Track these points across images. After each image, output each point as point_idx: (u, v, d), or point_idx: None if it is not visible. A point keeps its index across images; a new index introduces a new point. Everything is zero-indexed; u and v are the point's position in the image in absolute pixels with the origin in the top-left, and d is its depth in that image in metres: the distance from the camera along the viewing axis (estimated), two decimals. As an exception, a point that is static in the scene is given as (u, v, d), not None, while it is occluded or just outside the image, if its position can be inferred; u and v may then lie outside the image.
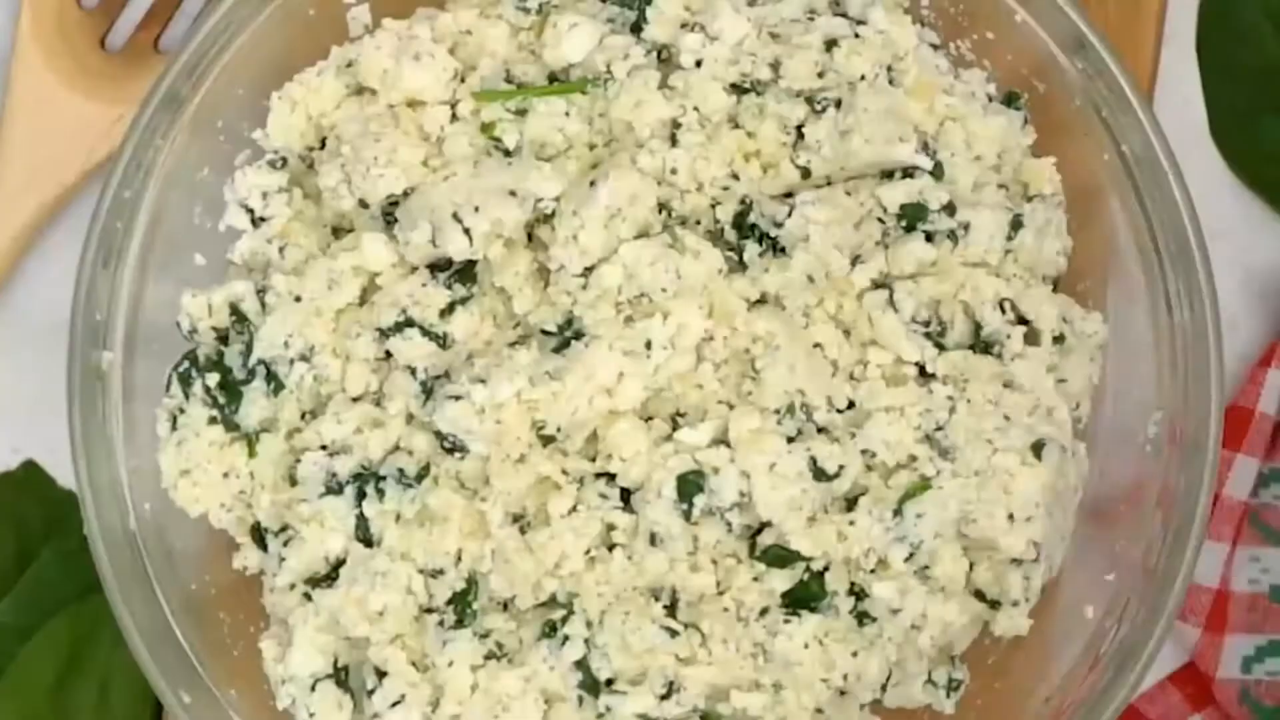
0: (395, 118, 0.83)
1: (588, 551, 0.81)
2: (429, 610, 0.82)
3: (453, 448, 0.81)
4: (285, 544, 0.83)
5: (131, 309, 0.83)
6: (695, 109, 0.82)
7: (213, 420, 0.84)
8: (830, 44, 0.82)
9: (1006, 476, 0.81)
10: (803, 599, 0.81)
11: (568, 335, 0.80)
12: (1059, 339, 0.83)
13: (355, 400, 0.83)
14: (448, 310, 0.82)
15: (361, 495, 0.82)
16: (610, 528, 0.81)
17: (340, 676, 0.83)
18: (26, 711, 0.90)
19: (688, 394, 0.82)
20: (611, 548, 0.82)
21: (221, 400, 0.84)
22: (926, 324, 0.81)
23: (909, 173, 0.81)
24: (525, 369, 0.80)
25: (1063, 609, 0.84)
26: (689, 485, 0.80)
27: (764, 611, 0.81)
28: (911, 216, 0.81)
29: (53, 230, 0.92)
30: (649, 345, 0.80)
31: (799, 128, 0.82)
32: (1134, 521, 0.82)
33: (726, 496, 0.80)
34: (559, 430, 0.80)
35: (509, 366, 0.80)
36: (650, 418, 0.81)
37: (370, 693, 0.82)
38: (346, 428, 0.82)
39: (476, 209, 0.80)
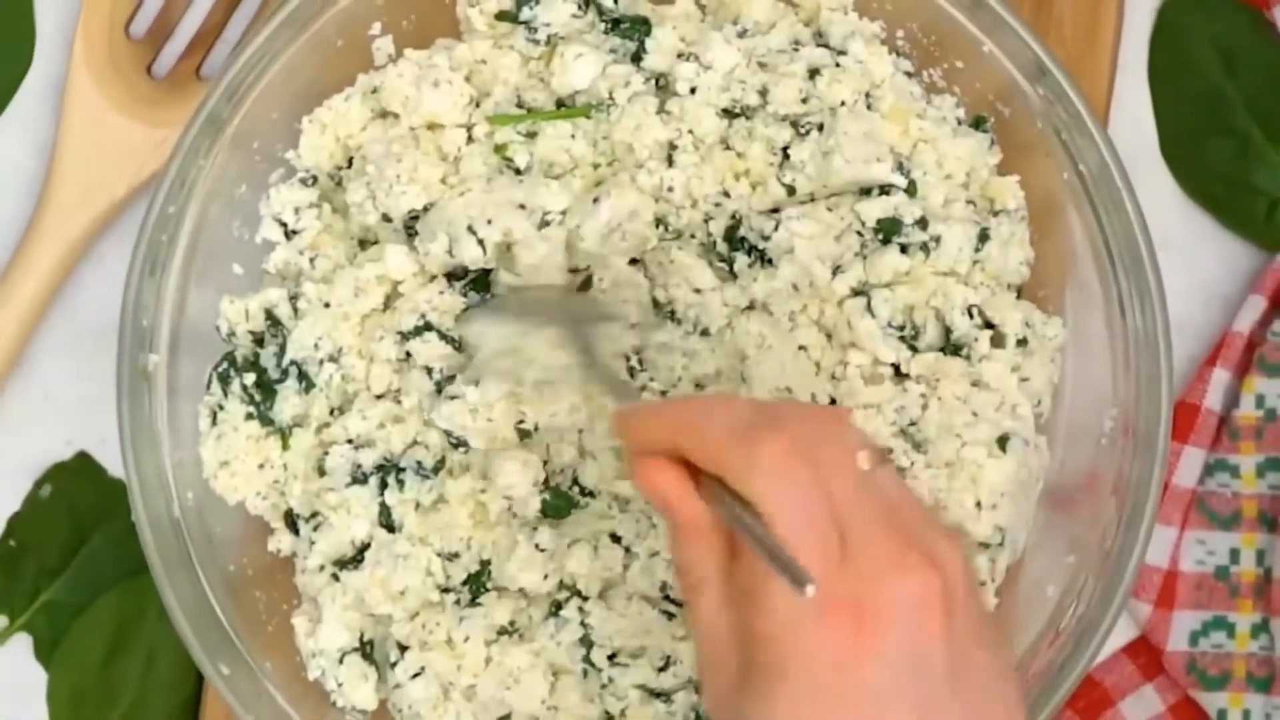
0: (416, 139, 0.85)
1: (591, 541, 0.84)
2: (446, 590, 0.85)
3: (457, 443, 0.84)
4: (315, 529, 0.86)
5: (175, 314, 0.85)
6: (690, 132, 0.84)
7: (249, 416, 0.86)
8: (813, 72, 0.84)
9: (975, 467, 0.82)
10: (788, 582, 0.85)
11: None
12: (1022, 342, 0.84)
13: (379, 398, 0.85)
14: (463, 315, 0.85)
15: (384, 485, 0.84)
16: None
17: (366, 650, 0.86)
18: (79, 680, 0.93)
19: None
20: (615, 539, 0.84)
21: (257, 398, 0.86)
22: (901, 328, 0.83)
23: (885, 190, 0.83)
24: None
25: (1026, 588, 0.85)
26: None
27: (753, 593, 0.85)
28: (887, 230, 0.83)
29: (103, 242, 0.93)
30: None
31: (785, 149, 0.84)
32: (1091, 508, 0.83)
33: (720, 491, 0.83)
34: (535, 428, 0.83)
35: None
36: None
37: (393, 665, 0.84)
38: (370, 423, 0.85)
39: (489, 222, 0.83)
